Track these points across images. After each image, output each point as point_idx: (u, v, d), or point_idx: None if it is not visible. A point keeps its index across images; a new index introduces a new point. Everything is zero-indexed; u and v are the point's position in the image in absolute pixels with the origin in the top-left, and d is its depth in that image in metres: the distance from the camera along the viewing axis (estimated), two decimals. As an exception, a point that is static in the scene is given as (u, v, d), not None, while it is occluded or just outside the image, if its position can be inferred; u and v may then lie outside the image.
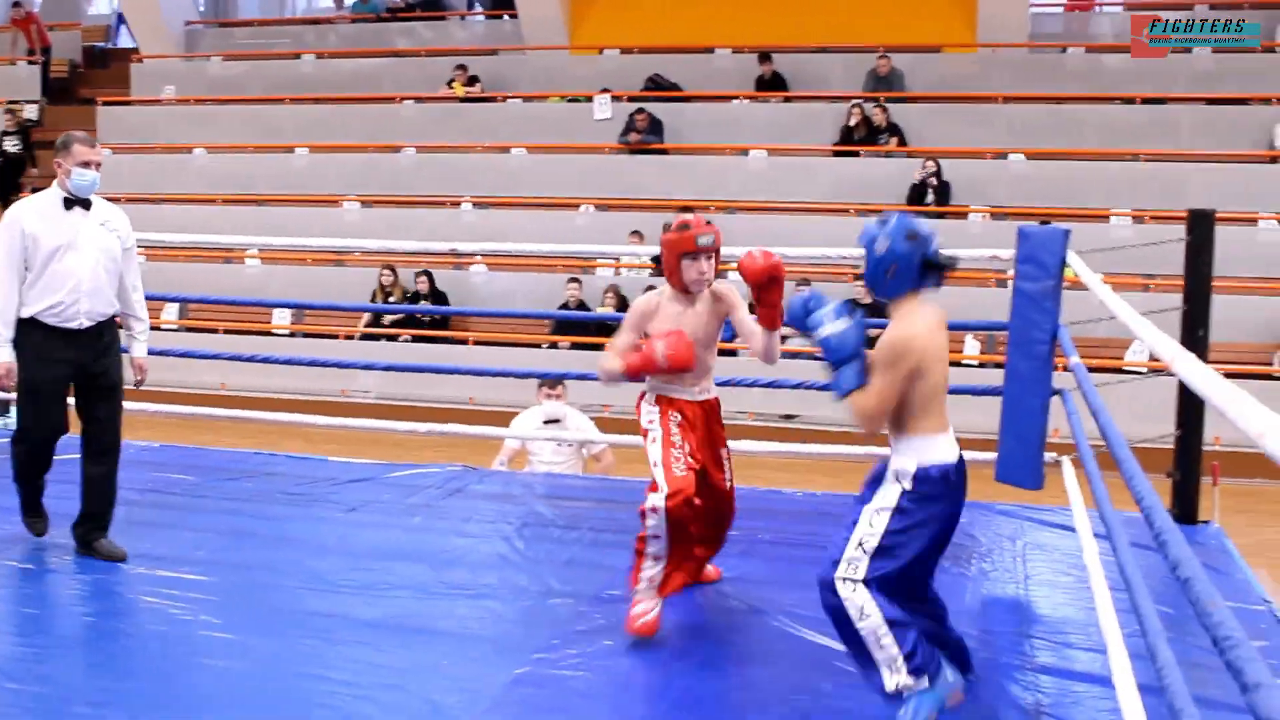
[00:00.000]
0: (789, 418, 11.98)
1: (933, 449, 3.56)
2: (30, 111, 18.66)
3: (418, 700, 3.80)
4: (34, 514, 5.39)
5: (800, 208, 14.23)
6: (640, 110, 15.35)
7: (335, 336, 13.69)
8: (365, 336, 13.68)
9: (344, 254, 14.97)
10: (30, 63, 19.59)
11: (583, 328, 13.04)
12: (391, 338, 13.61)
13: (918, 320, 3.53)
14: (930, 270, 3.55)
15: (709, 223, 4.49)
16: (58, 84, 19.79)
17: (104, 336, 5.17)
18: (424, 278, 13.63)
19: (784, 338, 4.53)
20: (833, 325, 3.51)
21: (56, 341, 5.03)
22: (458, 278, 14.44)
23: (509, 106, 16.52)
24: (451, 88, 16.71)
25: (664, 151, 15.35)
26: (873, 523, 3.57)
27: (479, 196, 15.39)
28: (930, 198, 13.67)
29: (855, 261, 12.35)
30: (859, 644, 3.53)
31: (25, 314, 5.00)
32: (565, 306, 12.97)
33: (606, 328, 13.00)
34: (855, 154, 14.66)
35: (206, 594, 4.69)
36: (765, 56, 15.87)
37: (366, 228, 14.86)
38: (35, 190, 5.86)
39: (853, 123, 14.68)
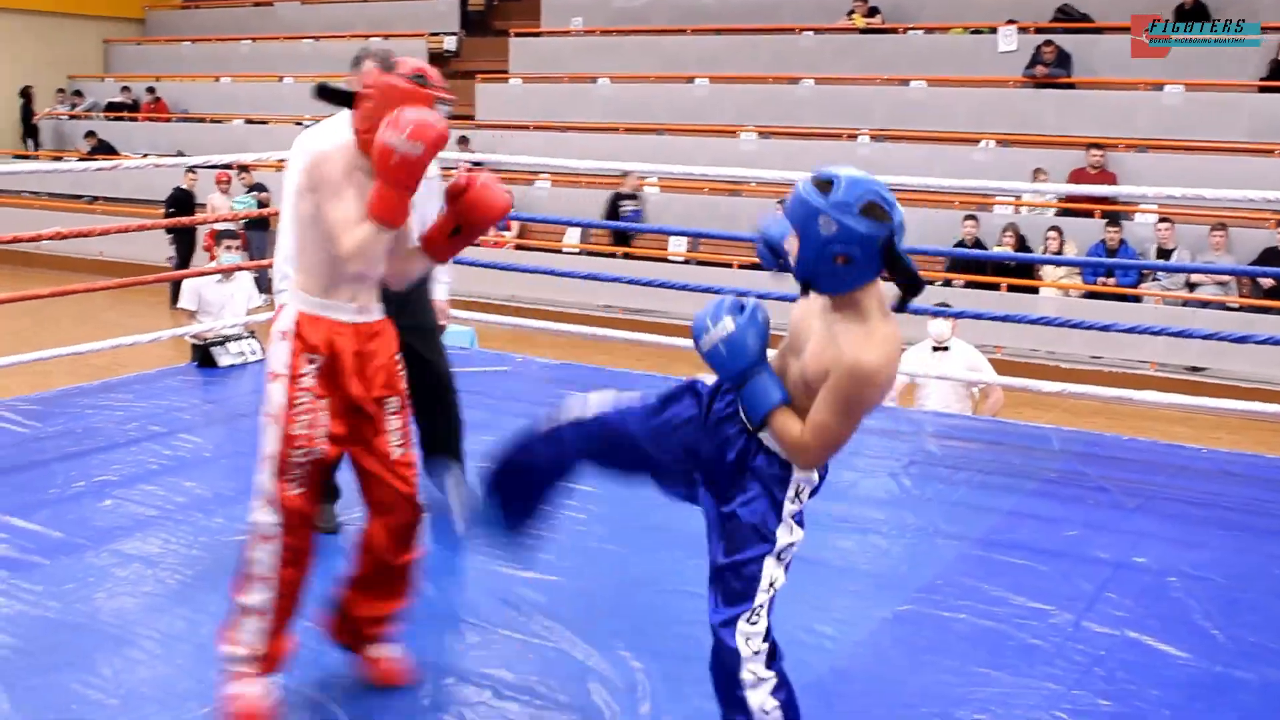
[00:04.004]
0: (1195, 370, 11.35)
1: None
2: (450, 43, 19.72)
3: (794, 627, 3.82)
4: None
5: (1219, 147, 13.29)
6: (1048, 42, 14.69)
7: (729, 265, 13.82)
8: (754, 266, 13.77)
9: (740, 184, 15.12)
10: (450, -4, 20.72)
11: (979, 266, 12.73)
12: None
13: (892, 334, 2.63)
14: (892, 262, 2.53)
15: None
16: (475, 16, 20.84)
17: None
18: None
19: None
20: (724, 325, 2.70)
21: None
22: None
23: (909, 38, 16.16)
24: (851, 19, 16.52)
25: (1071, 86, 14.67)
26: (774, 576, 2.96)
27: (876, 129, 15.20)
28: (1370, 139, 12.56)
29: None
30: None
31: None
32: (961, 244, 12.66)
33: (1003, 268, 12.69)
34: (1285, 90, 13.58)
35: (597, 505, 4.84)
36: (1187, -17, 14.90)
37: (762, 158, 14.86)
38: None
39: (1284, 56, 13.60)
